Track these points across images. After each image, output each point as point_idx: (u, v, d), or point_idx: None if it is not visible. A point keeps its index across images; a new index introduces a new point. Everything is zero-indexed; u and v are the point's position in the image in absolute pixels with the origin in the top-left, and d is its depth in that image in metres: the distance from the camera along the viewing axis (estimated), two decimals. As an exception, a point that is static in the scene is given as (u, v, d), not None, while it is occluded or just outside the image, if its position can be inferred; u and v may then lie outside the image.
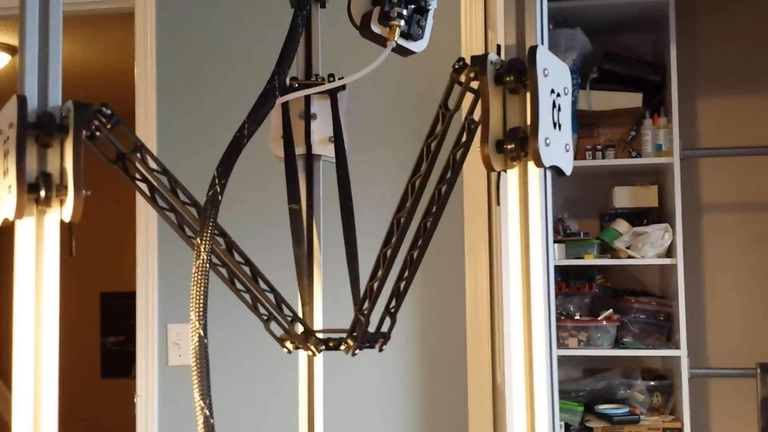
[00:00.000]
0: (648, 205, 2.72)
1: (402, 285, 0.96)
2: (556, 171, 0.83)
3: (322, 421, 1.09)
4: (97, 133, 0.88)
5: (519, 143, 0.82)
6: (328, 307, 1.11)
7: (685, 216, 2.59)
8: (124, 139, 0.91)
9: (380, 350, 1.00)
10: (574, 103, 2.62)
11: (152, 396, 2.55)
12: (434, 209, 0.91)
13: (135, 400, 2.56)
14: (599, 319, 2.59)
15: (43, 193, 0.82)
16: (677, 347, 2.52)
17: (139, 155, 0.92)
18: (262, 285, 0.99)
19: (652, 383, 2.65)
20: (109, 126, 0.88)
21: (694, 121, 2.89)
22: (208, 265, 0.78)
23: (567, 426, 2.57)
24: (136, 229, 2.59)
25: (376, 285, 0.96)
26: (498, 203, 0.86)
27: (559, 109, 0.83)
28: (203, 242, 0.78)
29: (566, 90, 0.85)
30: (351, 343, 0.98)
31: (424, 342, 2.49)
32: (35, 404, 0.82)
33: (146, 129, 2.58)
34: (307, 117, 1.07)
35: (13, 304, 0.83)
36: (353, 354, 0.99)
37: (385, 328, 1.00)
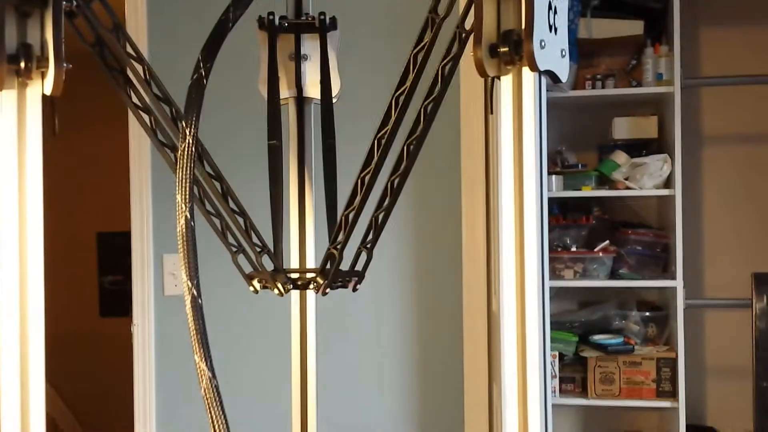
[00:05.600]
0: (647, 136, 2.69)
1: (380, 216, 0.87)
2: (551, 77, 0.80)
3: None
4: (76, 9, 0.86)
5: (513, 46, 0.78)
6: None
7: (685, 147, 2.56)
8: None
9: (354, 290, 0.91)
10: (574, 31, 2.56)
11: (148, 324, 2.57)
12: (419, 129, 0.85)
13: (132, 329, 2.59)
14: (596, 250, 2.59)
15: (23, 65, 0.80)
16: (673, 278, 2.53)
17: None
18: (232, 206, 0.94)
19: (648, 314, 2.67)
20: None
21: (696, 50, 2.83)
22: (193, 148, 0.75)
23: (561, 356, 2.59)
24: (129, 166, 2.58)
25: (352, 215, 0.88)
26: (491, 111, 0.82)
27: (555, 12, 0.80)
28: (189, 126, 0.76)
29: None
30: (321, 281, 0.90)
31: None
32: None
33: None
34: (298, 58, 1.01)
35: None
36: (323, 293, 0.91)
37: (360, 266, 0.90)
